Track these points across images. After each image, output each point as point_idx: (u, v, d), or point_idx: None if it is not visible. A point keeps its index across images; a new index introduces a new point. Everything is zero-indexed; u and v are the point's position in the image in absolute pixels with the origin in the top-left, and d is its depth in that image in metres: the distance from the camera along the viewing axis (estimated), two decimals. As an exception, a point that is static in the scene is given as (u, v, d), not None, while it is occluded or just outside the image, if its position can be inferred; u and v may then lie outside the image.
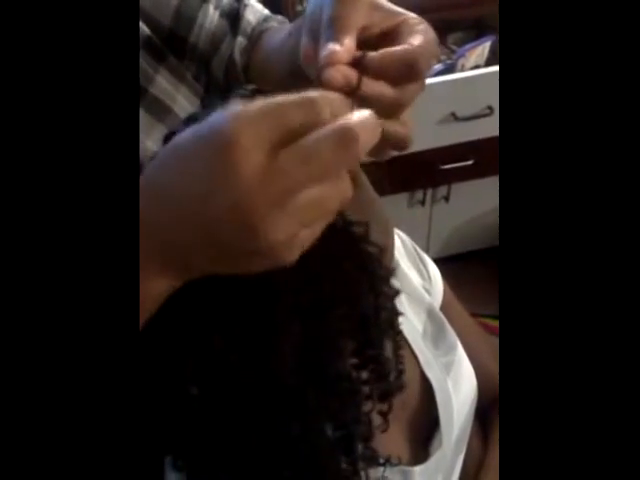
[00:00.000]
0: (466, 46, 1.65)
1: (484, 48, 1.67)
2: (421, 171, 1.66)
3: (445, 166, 1.68)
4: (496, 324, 1.59)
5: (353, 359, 0.46)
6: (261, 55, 0.57)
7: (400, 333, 0.53)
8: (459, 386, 0.59)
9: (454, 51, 1.68)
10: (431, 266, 0.67)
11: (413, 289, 0.61)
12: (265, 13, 0.61)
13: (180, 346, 0.42)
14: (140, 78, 0.54)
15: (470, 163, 1.68)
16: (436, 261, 0.69)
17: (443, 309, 0.64)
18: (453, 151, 1.65)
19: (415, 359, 0.57)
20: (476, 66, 1.67)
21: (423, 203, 1.81)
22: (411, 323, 0.59)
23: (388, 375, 0.48)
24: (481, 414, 0.65)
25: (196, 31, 0.58)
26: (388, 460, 0.49)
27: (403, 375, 0.49)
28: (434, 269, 0.68)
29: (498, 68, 1.54)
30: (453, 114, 1.57)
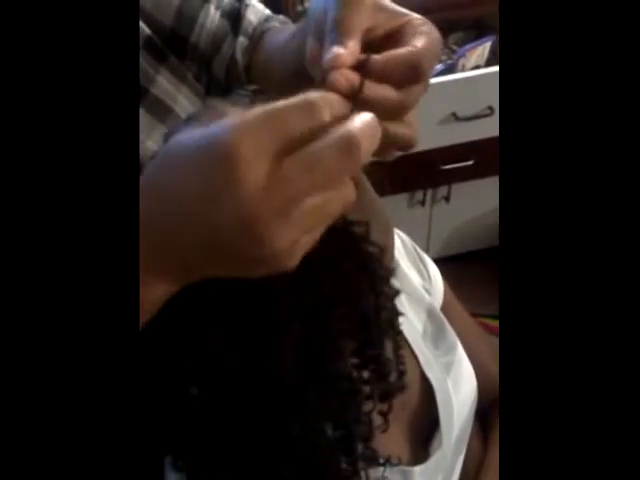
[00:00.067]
0: (466, 46, 1.65)
1: (484, 48, 1.67)
2: (421, 171, 1.66)
3: (445, 166, 1.68)
4: (496, 324, 1.58)
5: (353, 359, 0.46)
6: (263, 55, 0.57)
7: (400, 333, 0.53)
8: (459, 386, 0.59)
9: (455, 51, 1.68)
10: (431, 266, 0.67)
11: (413, 289, 0.61)
12: (266, 13, 0.61)
13: (180, 346, 0.42)
14: (141, 78, 0.54)
15: (470, 163, 1.68)
16: (436, 261, 0.69)
17: (443, 309, 0.64)
18: (453, 151, 1.65)
19: (415, 359, 0.57)
20: (476, 66, 1.67)
21: (423, 203, 1.81)
22: (411, 323, 0.59)
23: (388, 375, 0.48)
24: (481, 414, 0.65)
25: (197, 31, 0.58)
26: (388, 460, 0.49)
27: (404, 376, 0.50)
28: (434, 269, 0.68)
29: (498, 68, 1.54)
30: (454, 114, 1.57)
